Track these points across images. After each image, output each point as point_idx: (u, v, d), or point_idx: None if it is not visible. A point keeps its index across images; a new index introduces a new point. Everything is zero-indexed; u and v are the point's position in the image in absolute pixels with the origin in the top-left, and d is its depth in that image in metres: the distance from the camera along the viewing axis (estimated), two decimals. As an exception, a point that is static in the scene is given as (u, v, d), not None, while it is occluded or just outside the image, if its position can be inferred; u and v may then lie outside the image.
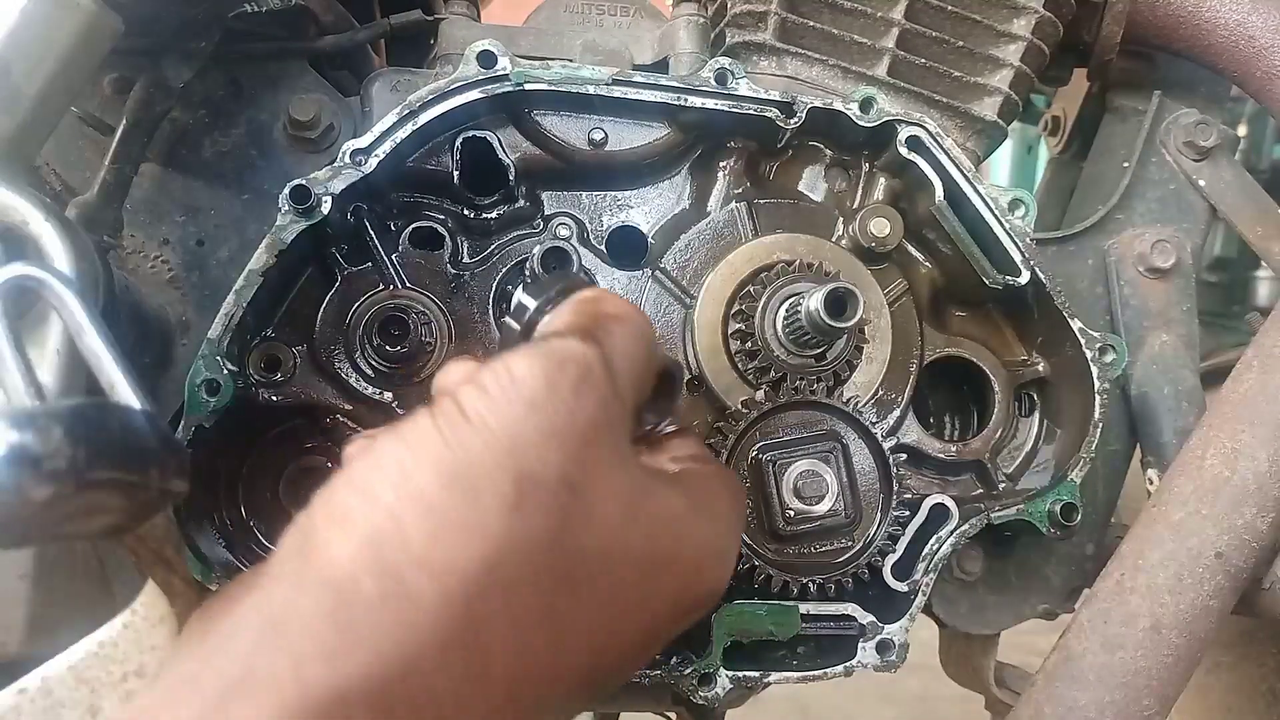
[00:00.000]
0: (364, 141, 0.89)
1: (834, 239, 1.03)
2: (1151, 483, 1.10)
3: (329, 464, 0.99)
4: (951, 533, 0.97)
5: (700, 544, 0.65)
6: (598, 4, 1.09)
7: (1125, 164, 1.21)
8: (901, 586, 0.95)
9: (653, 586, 0.60)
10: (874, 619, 0.94)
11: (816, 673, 0.94)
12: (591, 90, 0.93)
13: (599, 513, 0.56)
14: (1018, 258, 0.99)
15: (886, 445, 0.94)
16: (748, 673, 0.92)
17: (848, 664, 0.94)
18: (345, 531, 0.50)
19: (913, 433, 1.04)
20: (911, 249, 1.05)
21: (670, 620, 0.64)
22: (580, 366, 0.57)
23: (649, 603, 0.61)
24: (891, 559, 0.95)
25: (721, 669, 0.91)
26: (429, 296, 0.96)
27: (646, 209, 1.02)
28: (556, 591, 0.53)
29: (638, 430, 0.74)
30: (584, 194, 1.01)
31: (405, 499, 0.50)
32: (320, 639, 0.46)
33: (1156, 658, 0.91)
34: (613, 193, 1.02)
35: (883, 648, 0.94)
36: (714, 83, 0.95)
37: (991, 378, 1.06)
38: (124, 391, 0.58)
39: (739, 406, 0.93)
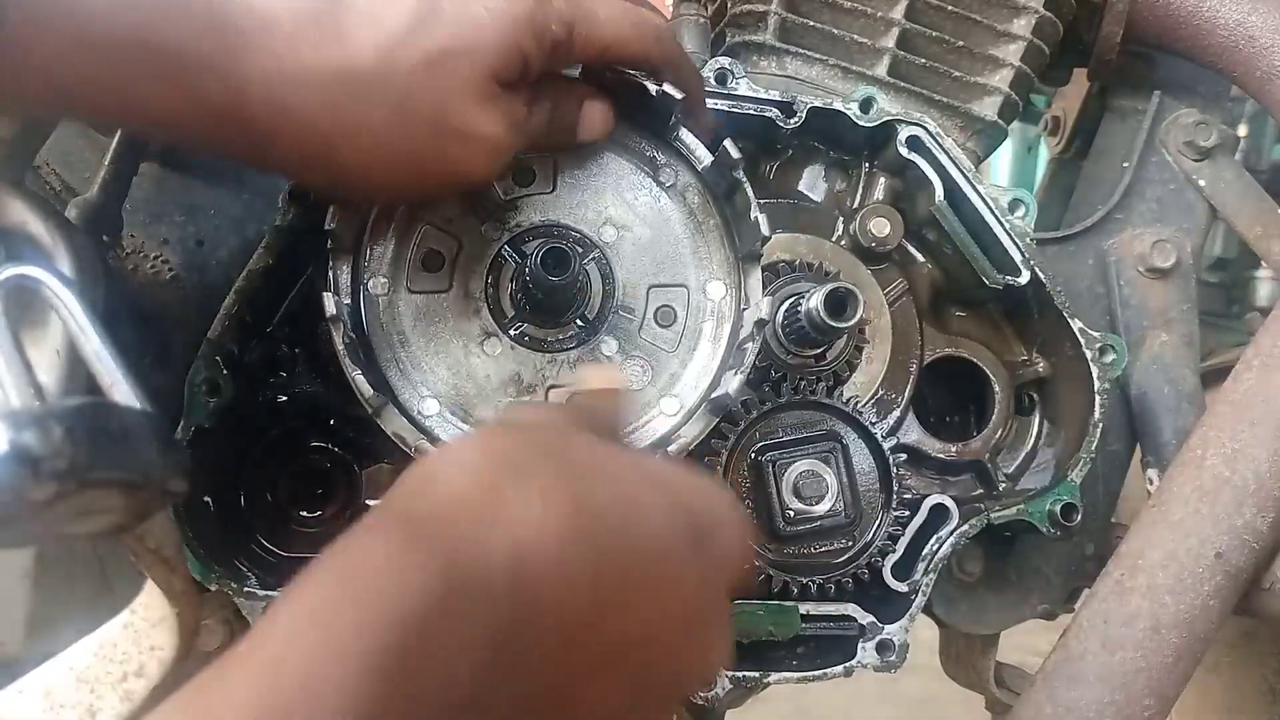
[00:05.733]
0: (364, 141, 0.89)
1: (834, 239, 1.03)
2: (1151, 483, 1.10)
3: (328, 464, 1.00)
4: (951, 533, 0.97)
5: None
6: (598, 4, 1.09)
7: (1125, 164, 1.21)
8: (901, 586, 0.95)
9: None
10: (874, 619, 0.94)
11: (816, 673, 0.94)
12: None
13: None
14: (1018, 258, 0.99)
15: (886, 445, 0.94)
16: (748, 673, 0.92)
17: (848, 664, 0.94)
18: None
19: (913, 433, 1.04)
20: (911, 249, 1.05)
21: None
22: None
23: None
24: (891, 559, 0.95)
25: (721, 669, 0.91)
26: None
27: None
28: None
29: None
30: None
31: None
32: None
33: (1157, 658, 0.91)
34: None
35: (883, 648, 0.94)
36: (714, 82, 0.95)
37: (992, 378, 1.06)
38: (124, 392, 0.58)
39: (739, 406, 0.93)
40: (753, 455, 0.94)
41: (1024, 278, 0.99)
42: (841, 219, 1.04)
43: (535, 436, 0.55)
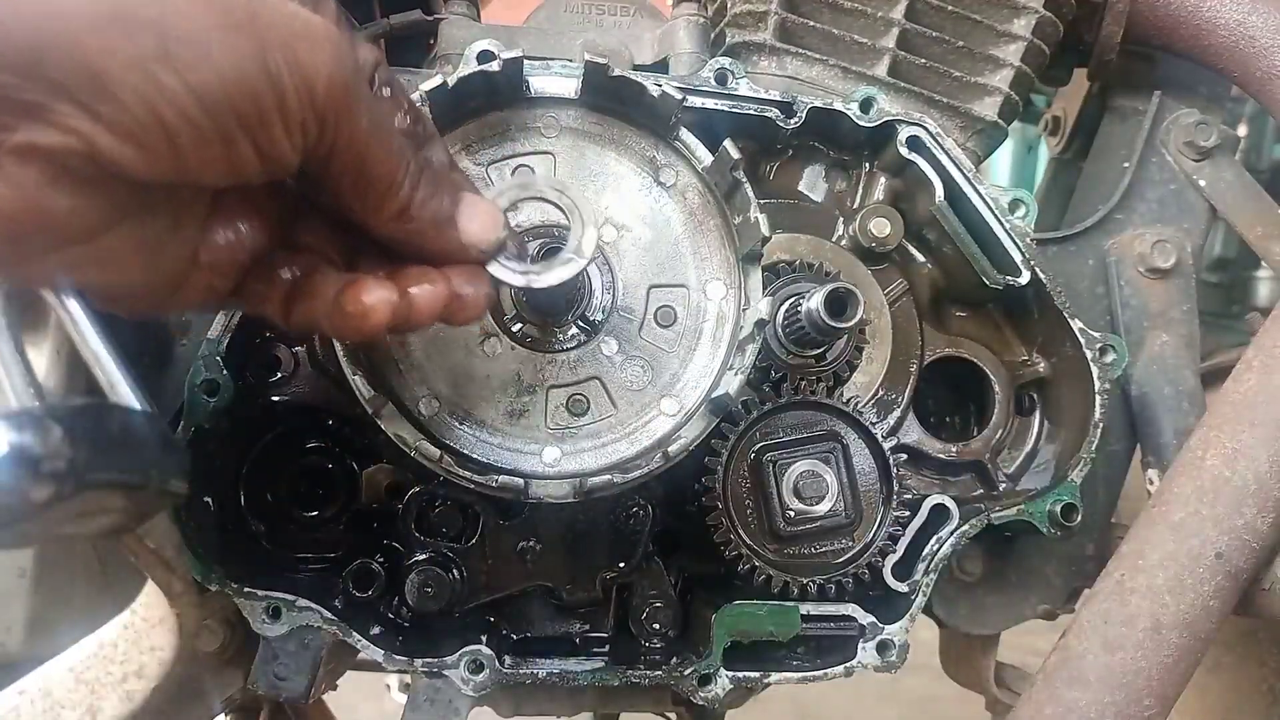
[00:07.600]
0: (364, 142, 0.89)
1: (834, 239, 1.03)
2: (1152, 483, 1.10)
3: (328, 464, 1.00)
4: (952, 533, 0.97)
5: None
6: (598, 4, 1.09)
7: (1125, 164, 1.21)
8: (902, 587, 0.95)
9: None
10: (874, 619, 0.94)
11: (816, 673, 0.94)
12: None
13: None
14: (1018, 258, 0.99)
15: (887, 445, 0.94)
16: (748, 673, 0.92)
17: (848, 664, 0.94)
18: None
19: (913, 433, 1.04)
20: (912, 249, 1.05)
21: None
22: None
23: None
24: (892, 559, 0.95)
25: (721, 669, 0.91)
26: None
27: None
28: None
29: None
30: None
31: None
32: None
33: (1157, 658, 0.91)
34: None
35: (883, 648, 0.94)
36: (714, 82, 0.95)
37: (992, 378, 1.06)
38: (124, 392, 0.58)
39: (739, 406, 0.93)
40: (753, 455, 0.94)
41: (1024, 278, 0.99)
42: (841, 219, 1.04)
43: None
